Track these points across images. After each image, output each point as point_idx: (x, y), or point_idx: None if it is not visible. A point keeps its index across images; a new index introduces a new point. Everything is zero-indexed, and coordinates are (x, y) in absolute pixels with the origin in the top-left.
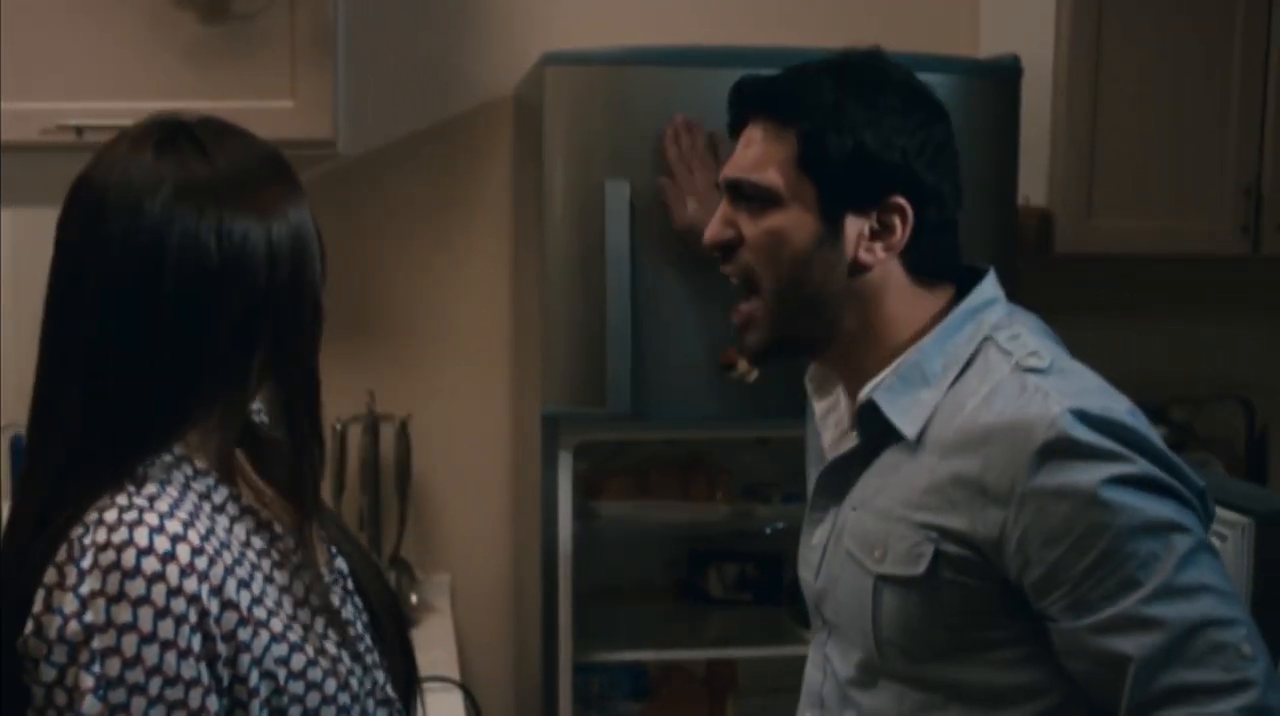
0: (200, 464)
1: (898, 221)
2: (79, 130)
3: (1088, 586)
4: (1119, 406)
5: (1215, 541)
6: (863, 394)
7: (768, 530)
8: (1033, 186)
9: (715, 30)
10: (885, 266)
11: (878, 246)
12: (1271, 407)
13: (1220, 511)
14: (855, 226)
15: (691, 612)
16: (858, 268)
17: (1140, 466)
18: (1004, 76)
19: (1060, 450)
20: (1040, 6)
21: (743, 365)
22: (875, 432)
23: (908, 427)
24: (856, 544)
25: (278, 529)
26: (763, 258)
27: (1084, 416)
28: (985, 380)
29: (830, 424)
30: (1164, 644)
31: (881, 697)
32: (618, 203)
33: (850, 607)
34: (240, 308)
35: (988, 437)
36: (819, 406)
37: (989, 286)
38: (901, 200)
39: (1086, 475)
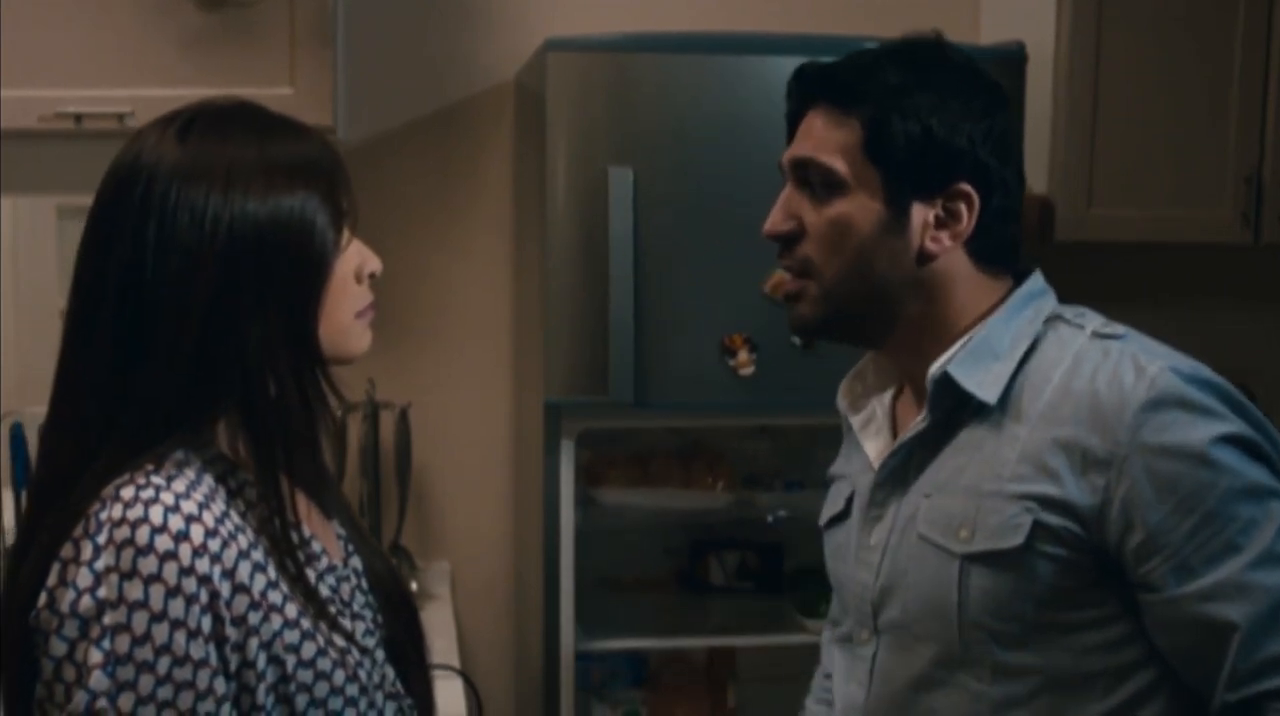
0: (220, 447)
1: (964, 209)
2: (78, 118)
3: (1190, 549)
4: (1205, 368)
5: None
6: (934, 369)
7: (769, 518)
8: (1033, 174)
9: (717, 17)
10: (951, 255)
11: (944, 234)
12: (1272, 396)
13: None
14: (921, 214)
15: (692, 601)
16: (924, 256)
17: (1240, 427)
18: (1009, 63)
19: (1165, 405)
20: None
21: (741, 357)
22: (949, 409)
23: (986, 394)
24: (936, 528)
25: (291, 516)
26: (826, 247)
27: (1182, 374)
28: (1064, 351)
29: (871, 433)
30: (1267, 611)
31: (956, 697)
32: (621, 190)
33: (927, 597)
34: (194, 281)
35: (1083, 401)
36: (856, 420)
37: (1040, 277)
38: (968, 187)
39: (1195, 432)
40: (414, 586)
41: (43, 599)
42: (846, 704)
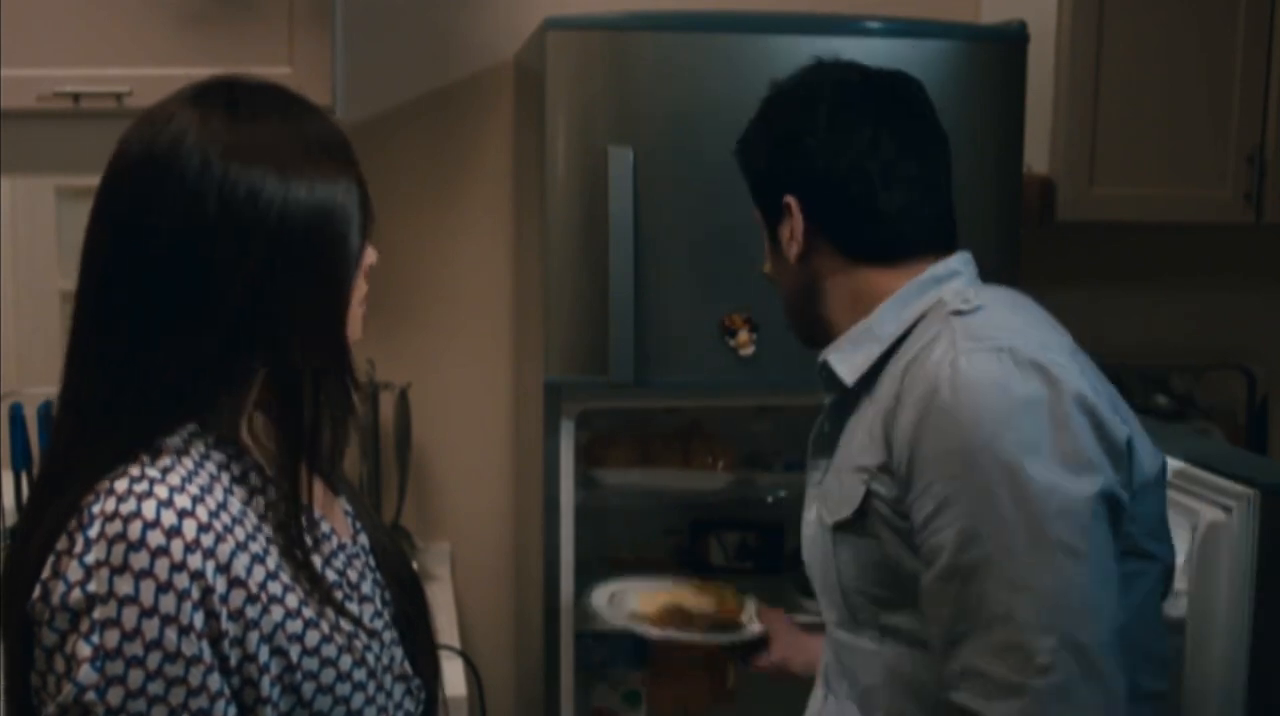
0: (225, 433)
1: (791, 218)
2: (76, 97)
3: (928, 531)
4: (1027, 351)
5: (1219, 513)
6: (820, 356)
7: (769, 498)
8: (1035, 154)
9: None
10: (823, 257)
11: (792, 243)
12: (1273, 376)
13: (1223, 482)
14: (783, 233)
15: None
16: (798, 266)
17: (1026, 429)
18: (1010, 43)
19: (960, 390)
20: None
21: (741, 337)
22: (840, 393)
23: (846, 376)
24: (826, 505)
25: (305, 500)
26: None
27: (982, 358)
28: (928, 330)
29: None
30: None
31: (861, 658)
32: (621, 169)
33: (820, 569)
34: (242, 264)
35: (905, 374)
36: (829, 401)
37: (955, 262)
38: (789, 199)
39: (973, 429)
40: (414, 567)
41: (37, 590)
42: (821, 665)
